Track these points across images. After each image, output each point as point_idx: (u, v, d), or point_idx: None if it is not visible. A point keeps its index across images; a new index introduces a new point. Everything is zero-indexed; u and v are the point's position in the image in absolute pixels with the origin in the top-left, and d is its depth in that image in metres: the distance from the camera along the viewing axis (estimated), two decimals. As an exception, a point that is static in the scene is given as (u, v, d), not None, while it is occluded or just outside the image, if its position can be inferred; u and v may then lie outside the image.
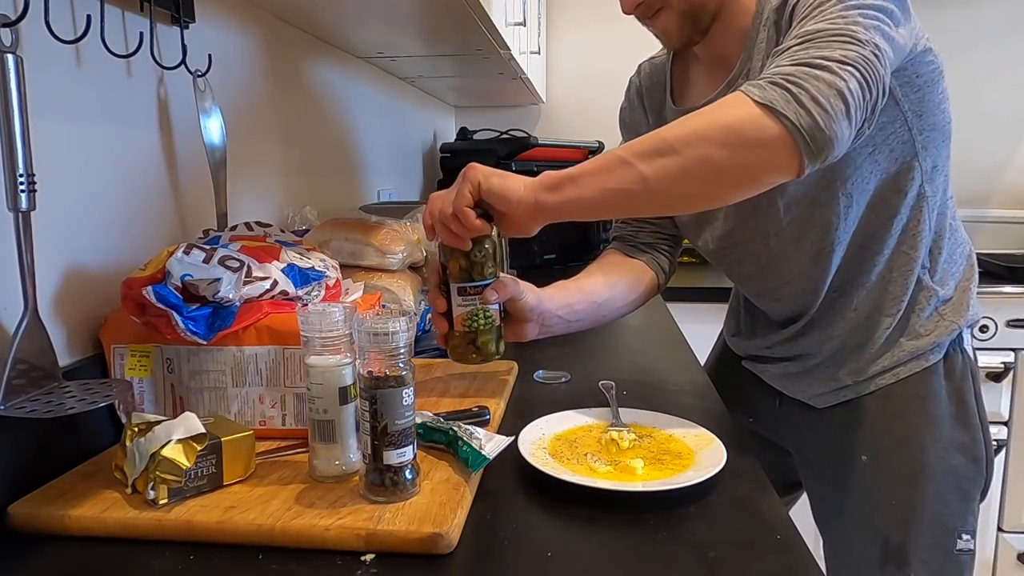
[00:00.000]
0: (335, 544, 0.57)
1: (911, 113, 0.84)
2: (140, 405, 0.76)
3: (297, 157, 1.35)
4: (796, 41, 0.71)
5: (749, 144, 0.66)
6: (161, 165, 0.91)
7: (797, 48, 0.69)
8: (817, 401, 1.01)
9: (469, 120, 2.71)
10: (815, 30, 0.70)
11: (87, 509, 0.61)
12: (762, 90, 0.66)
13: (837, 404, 0.99)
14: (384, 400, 0.61)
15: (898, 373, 0.95)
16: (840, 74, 0.65)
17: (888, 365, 0.95)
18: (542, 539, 0.59)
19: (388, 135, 1.97)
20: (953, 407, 0.94)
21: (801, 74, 0.65)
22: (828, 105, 0.64)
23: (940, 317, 0.94)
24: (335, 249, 1.10)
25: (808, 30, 0.71)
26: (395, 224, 1.17)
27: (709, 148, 0.67)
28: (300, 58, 1.36)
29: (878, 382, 0.96)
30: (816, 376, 1.00)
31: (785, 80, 0.65)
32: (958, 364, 0.95)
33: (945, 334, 0.94)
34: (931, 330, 0.94)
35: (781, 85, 0.65)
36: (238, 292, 0.73)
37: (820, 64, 0.66)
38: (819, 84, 0.64)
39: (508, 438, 0.70)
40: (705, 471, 0.67)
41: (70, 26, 0.74)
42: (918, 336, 0.94)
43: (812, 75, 0.65)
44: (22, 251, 0.62)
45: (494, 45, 1.52)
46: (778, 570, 0.55)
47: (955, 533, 0.93)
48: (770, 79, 0.67)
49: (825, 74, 0.65)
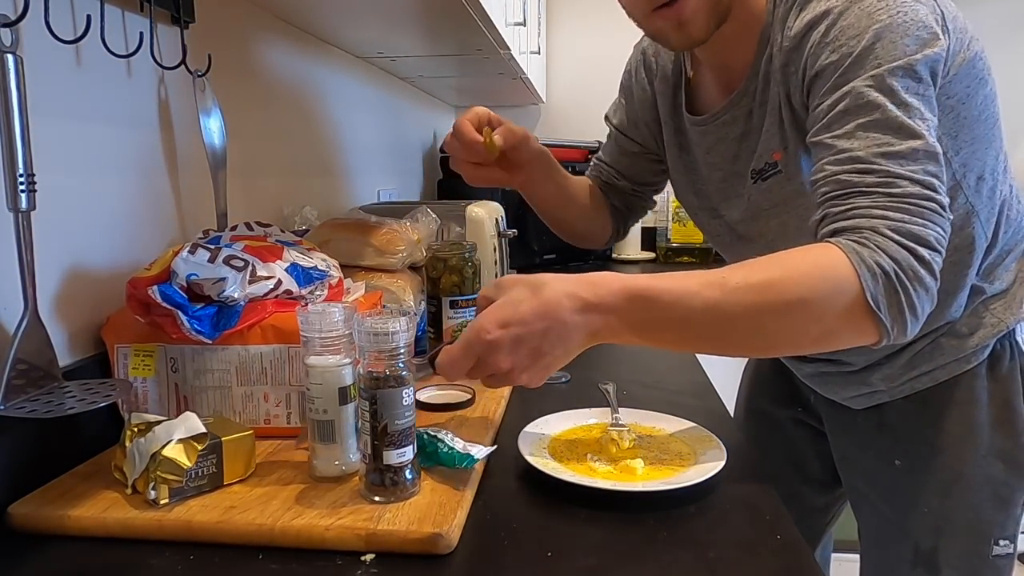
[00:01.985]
0: (335, 544, 0.57)
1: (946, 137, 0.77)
2: (144, 404, 0.76)
3: (297, 157, 1.35)
4: (875, 183, 0.67)
5: (842, 341, 0.68)
6: (161, 165, 0.91)
7: (886, 202, 0.66)
8: (851, 403, 0.97)
9: (469, 120, 2.71)
10: (895, 176, 0.67)
11: (87, 509, 0.61)
12: (875, 281, 0.64)
13: (871, 407, 0.95)
14: (384, 400, 0.61)
15: (936, 376, 0.89)
16: (936, 273, 0.66)
17: (926, 368, 0.89)
18: (542, 539, 0.59)
19: (388, 135, 1.97)
20: (996, 411, 0.88)
21: (907, 270, 0.65)
22: (922, 313, 0.67)
23: (988, 314, 0.87)
24: (335, 249, 1.10)
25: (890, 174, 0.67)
26: (395, 224, 1.17)
27: (803, 344, 0.68)
28: (300, 58, 1.36)
29: (914, 385, 0.91)
30: (849, 380, 0.96)
31: (895, 276, 0.64)
32: (1005, 363, 0.88)
33: (992, 334, 0.87)
34: (975, 328, 0.87)
35: (891, 284, 0.64)
36: (243, 291, 0.74)
37: (919, 256, 0.65)
38: (920, 291, 0.65)
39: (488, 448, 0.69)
40: (705, 471, 0.67)
41: (70, 26, 0.74)
42: (960, 336, 0.87)
43: (916, 275, 0.65)
44: (22, 251, 0.62)
45: (494, 45, 1.52)
46: (778, 570, 0.55)
47: (990, 540, 0.89)
48: (880, 264, 0.64)
49: (926, 275, 0.65)
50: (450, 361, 0.64)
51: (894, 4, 0.70)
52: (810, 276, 0.65)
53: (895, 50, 0.69)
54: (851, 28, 0.71)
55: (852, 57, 0.70)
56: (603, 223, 1.15)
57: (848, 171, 0.69)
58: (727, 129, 0.88)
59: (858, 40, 0.70)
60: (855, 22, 0.71)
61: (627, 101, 1.09)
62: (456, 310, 0.99)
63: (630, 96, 1.08)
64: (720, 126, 0.89)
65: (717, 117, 0.89)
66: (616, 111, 1.12)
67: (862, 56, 0.70)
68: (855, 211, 0.68)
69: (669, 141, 1.01)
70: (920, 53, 0.69)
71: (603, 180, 1.15)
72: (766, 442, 1.17)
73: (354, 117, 1.67)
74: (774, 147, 0.82)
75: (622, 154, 1.11)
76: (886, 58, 0.69)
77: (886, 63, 0.69)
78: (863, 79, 0.69)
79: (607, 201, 1.15)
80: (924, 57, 0.69)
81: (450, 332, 0.99)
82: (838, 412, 1.01)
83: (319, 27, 1.36)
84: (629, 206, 1.16)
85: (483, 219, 1.36)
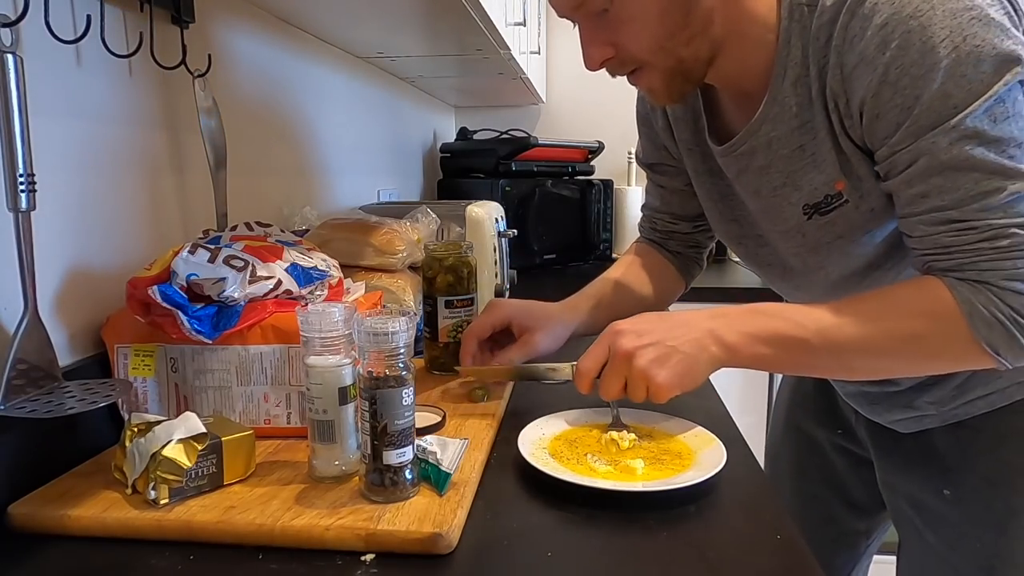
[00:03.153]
0: (335, 544, 0.57)
1: None
2: (144, 405, 0.76)
3: (297, 157, 1.35)
4: (977, 240, 0.65)
5: (962, 364, 0.71)
6: (161, 165, 0.91)
7: (994, 255, 0.65)
8: (897, 427, 0.92)
9: (469, 120, 2.71)
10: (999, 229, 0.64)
11: (87, 509, 0.61)
12: (989, 330, 0.65)
13: (919, 431, 0.89)
14: (384, 400, 0.61)
15: (993, 402, 0.83)
16: None
17: (981, 393, 0.83)
18: (542, 539, 0.59)
19: (388, 135, 1.97)
20: None
21: (1020, 314, 0.65)
22: None
23: None
24: (335, 249, 1.10)
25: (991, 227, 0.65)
26: (395, 224, 1.17)
27: (915, 372, 0.74)
28: (300, 58, 1.36)
29: (968, 410, 0.84)
30: (895, 402, 0.90)
31: (1012, 324, 0.65)
32: None
33: None
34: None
35: (1008, 331, 0.65)
36: (243, 291, 0.74)
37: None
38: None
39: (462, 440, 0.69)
40: (705, 471, 0.67)
41: (70, 26, 0.74)
42: None
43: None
44: (22, 251, 0.62)
45: (494, 45, 1.52)
46: (778, 570, 0.55)
47: None
48: (994, 315, 0.65)
49: None
50: (585, 356, 0.74)
51: (956, 24, 0.61)
52: (919, 340, 0.69)
53: (968, 83, 0.61)
54: (914, 67, 0.63)
55: (922, 103, 0.63)
56: (671, 287, 1.07)
57: (945, 232, 0.66)
58: (747, 160, 0.81)
59: (924, 80, 0.63)
60: (918, 59, 0.62)
61: (648, 129, 1.01)
62: (451, 310, 0.98)
63: (649, 124, 1.00)
64: (740, 157, 0.82)
65: (735, 148, 0.82)
66: (643, 149, 1.04)
67: (934, 102, 0.63)
68: (965, 269, 0.66)
69: (697, 168, 0.93)
70: (996, 73, 0.61)
71: (659, 232, 1.07)
72: (806, 462, 1.11)
73: (354, 117, 1.67)
74: (834, 177, 0.74)
75: (671, 193, 1.03)
76: (960, 97, 0.62)
77: (963, 106, 0.62)
78: (943, 131, 0.63)
79: (667, 259, 1.07)
80: (1005, 83, 0.61)
81: (445, 332, 0.98)
82: (882, 434, 0.95)
83: (319, 27, 1.36)
84: (696, 244, 1.08)
85: (483, 219, 1.36)
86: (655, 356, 0.71)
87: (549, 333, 0.92)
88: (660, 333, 0.72)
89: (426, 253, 1.01)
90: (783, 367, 0.77)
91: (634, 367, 0.71)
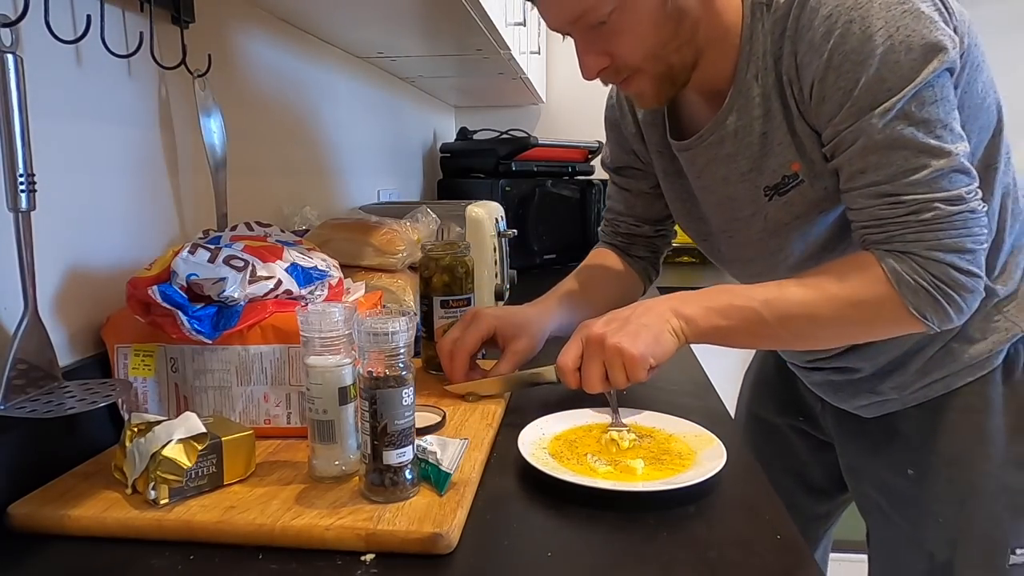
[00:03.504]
0: (335, 544, 0.57)
1: None
2: (144, 404, 0.76)
3: (297, 157, 1.35)
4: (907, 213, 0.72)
5: (897, 327, 0.77)
6: (161, 165, 0.91)
7: (920, 227, 0.72)
8: (861, 412, 0.97)
9: (469, 120, 2.71)
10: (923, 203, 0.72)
11: (87, 509, 0.61)
12: (915, 296, 0.73)
13: (882, 415, 0.94)
14: (384, 400, 0.61)
15: (949, 384, 0.88)
16: (978, 273, 0.73)
17: (938, 376, 0.88)
18: (542, 539, 0.59)
19: (388, 135, 1.97)
20: (1011, 418, 0.86)
21: (948, 282, 0.72)
22: (970, 309, 0.74)
23: (1002, 317, 0.85)
24: (335, 249, 1.10)
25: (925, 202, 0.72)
26: (395, 224, 1.17)
27: (854, 338, 0.81)
28: (300, 58, 1.36)
29: (927, 393, 0.89)
30: (860, 388, 0.95)
31: (936, 290, 0.72)
32: (1020, 367, 0.87)
33: (1006, 338, 0.85)
34: (988, 333, 0.85)
35: (933, 297, 0.73)
36: (243, 291, 0.74)
37: (958, 266, 0.72)
38: (964, 295, 0.73)
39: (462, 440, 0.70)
40: (705, 471, 0.67)
41: (70, 26, 0.74)
42: (973, 341, 0.85)
43: (957, 283, 0.72)
44: (22, 251, 0.62)
45: (494, 45, 1.52)
46: (778, 570, 0.55)
47: (1007, 550, 0.87)
48: (918, 282, 0.72)
49: (968, 280, 0.72)
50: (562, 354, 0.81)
51: (893, 16, 0.69)
52: (854, 304, 0.75)
53: (901, 69, 0.69)
54: (854, 53, 0.70)
55: (860, 85, 0.71)
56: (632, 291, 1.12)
57: (879, 204, 0.74)
58: (715, 150, 0.87)
59: (863, 66, 0.70)
60: (858, 46, 0.70)
61: (617, 134, 1.07)
62: (447, 310, 0.98)
63: (616, 128, 1.06)
64: (708, 147, 0.88)
65: (703, 139, 0.87)
66: (609, 153, 1.10)
67: (871, 85, 0.70)
68: (892, 236, 0.74)
69: (666, 169, 0.99)
70: (926, 64, 0.69)
71: (621, 235, 1.12)
72: (766, 450, 1.15)
73: (354, 117, 1.67)
74: (790, 159, 0.81)
75: (636, 196, 1.09)
76: (895, 82, 0.69)
77: (896, 89, 0.69)
78: (879, 113, 0.70)
79: (628, 264, 1.11)
80: (933, 71, 0.69)
81: (441, 332, 0.97)
82: (847, 421, 1.00)
83: (319, 27, 1.36)
84: (655, 249, 1.14)
85: (483, 219, 1.36)
86: (624, 333, 0.77)
87: (532, 338, 0.94)
88: (625, 316, 0.80)
89: (423, 253, 1.01)
90: (739, 337, 0.82)
91: (607, 346, 0.77)
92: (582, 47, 0.80)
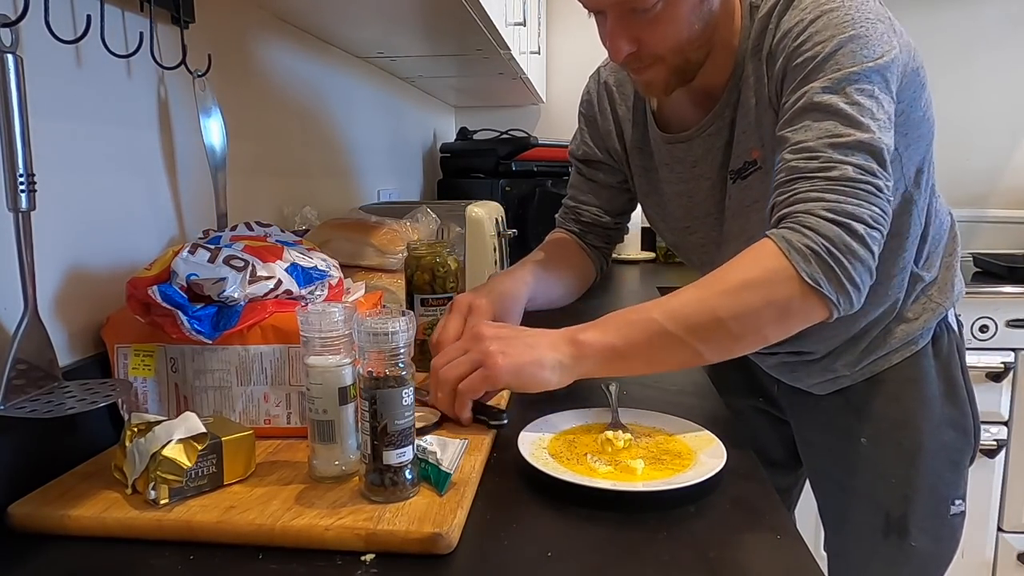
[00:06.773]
0: (335, 544, 0.57)
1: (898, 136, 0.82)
2: (144, 405, 0.76)
3: (297, 157, 1.35)
4: (817, 168, 0.74)
5: (797, 319, 0.75)
6: (161, 165, 0.91)
7: (824, 184, 0.74)
8: (815, 389, 1.06)
9: (469, 120, 2.71)
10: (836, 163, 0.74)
11: (87, 509, 0.61)
12: (807, 263, 0.72)
13: (835, 391, 1.04)
14: (384, 400, 0.61)
15: (891, 359, 1.00)
16: (871, 247, 0.73)
17: (882, 352, 0.99)
18: (542, 539, 0.59)
19: (388, 135, 1.97)
20: (943, 385, 1.00)
21: (840, 246, 0.72)
22: (863, 284, 0.74)
23: (928, 300, 0.98)
24: (335, 249, 1.10)
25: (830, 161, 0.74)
26: (395, 224, 1.17)
27: (762, 325, 0.75)
28: (300, 58, 1.36)
29: (873, 368, 1.00)
30: (813, 368, 1.04)
31: (827, 254, 0.72)
32: (944, 342, 1.00)
33: (933, 317, 0.98)
34: (919, 314, 0.98)
35: (824, 261, 0.72)
36: (243, 291, 0.74)
37: (853, 231, 0.72)
38: (855, 263, 0.72)
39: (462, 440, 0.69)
40: (705, 471, 0.67)
41: (70, 26, 0.74)
42: (907, 321, 0.98)
43: (849, 249, 0.72)
44: (22, 251, 0.62)
45: (494, 45, 1.52)
46: (778, 570, 0.55)
47: (949, 500, 1.00)
48: (809, 246, 0.72)
49: (860, 248, 0.72)
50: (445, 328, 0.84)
51: (859, 19, 0.78)
52: (749, 287, 0.73)
53: (854, 58, 0.76)
54: (818, 35, 0.78)
55: (816, 61, 0.78)
56: (588, 275, 1.15)
57: (797, 158, 0.76)
58: (713, 140, 0.93)
59: (823, 46, 0.77)
60: (822, 29, 0.78)
61: (590, 128, 1.10)
62: (426, 308, 1.00)
63: (593, 124, 1.10)
64: (706, 138, 0.94)
65: (703, 130, 0.93)
66: (580, 146, 1.13)
67: (825, 61, 0.77)
68: (796, 195, 0.75)
69: (646, 165, 1.04)
70: (874, 62, 0.77)
71: (582, 223, 1.15)
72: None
73: (354, 117, 1.67)
74: (752, 145, 0.88)
75: (603, 188, 1.13)
76: (845, 64, 0.76)
77: (844, 68, 0.76)
78: (822, 81, 0.77)
79: (584, 250, 1.15)
80: (877, 65, 0.77)
81: (422, 330, 0.99)
82: (802, 399, 1.09)
83: (319, 27, 1.36)
84: (610, 240, 1.18)
85: (483, 219, 1.36)
86: (505, 342, 0.75)
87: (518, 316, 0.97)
88: (519, 332, 0.79)
89: (408, 252, 1.03)
90: (642, 354, 0.76)
91: (481, 347, 0.75)
92: (616, 30, 0.83)
